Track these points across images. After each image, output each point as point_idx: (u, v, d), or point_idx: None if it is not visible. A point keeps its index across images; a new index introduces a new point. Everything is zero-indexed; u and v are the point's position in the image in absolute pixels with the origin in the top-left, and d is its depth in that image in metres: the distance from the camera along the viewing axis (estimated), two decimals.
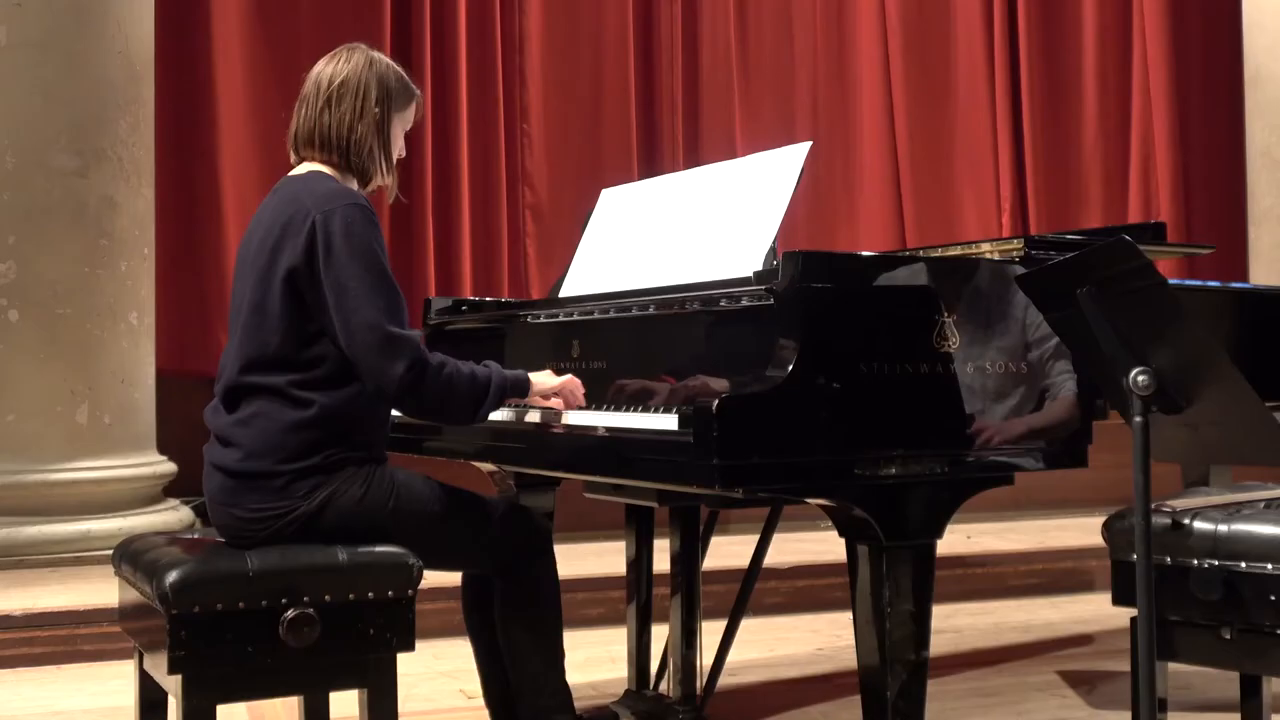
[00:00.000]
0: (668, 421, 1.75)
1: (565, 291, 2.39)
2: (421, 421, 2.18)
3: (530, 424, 2.03)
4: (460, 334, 2.58)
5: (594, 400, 2.02)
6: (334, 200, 1.85)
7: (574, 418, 1.97)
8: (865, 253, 1.82)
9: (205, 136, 4.43)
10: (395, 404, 1.87)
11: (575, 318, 2.18)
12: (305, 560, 1.78)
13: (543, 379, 1.99)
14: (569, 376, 2.01)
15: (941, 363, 1.73)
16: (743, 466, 1.57)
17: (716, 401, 1.56)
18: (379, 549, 1.83)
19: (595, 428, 1.89)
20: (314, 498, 1.82)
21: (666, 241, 2.18)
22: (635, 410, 1.91)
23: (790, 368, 1.62)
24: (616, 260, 2.29)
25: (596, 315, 2.12)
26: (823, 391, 1.63)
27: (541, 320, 2.28)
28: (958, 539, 4.08)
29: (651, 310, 1.99)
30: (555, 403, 1.99)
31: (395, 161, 2.01)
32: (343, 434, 1.85)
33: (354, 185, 1.96)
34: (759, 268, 1.89)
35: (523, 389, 1.96)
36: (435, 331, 2.57)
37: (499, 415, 2.01)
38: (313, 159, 1.97)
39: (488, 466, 2.43)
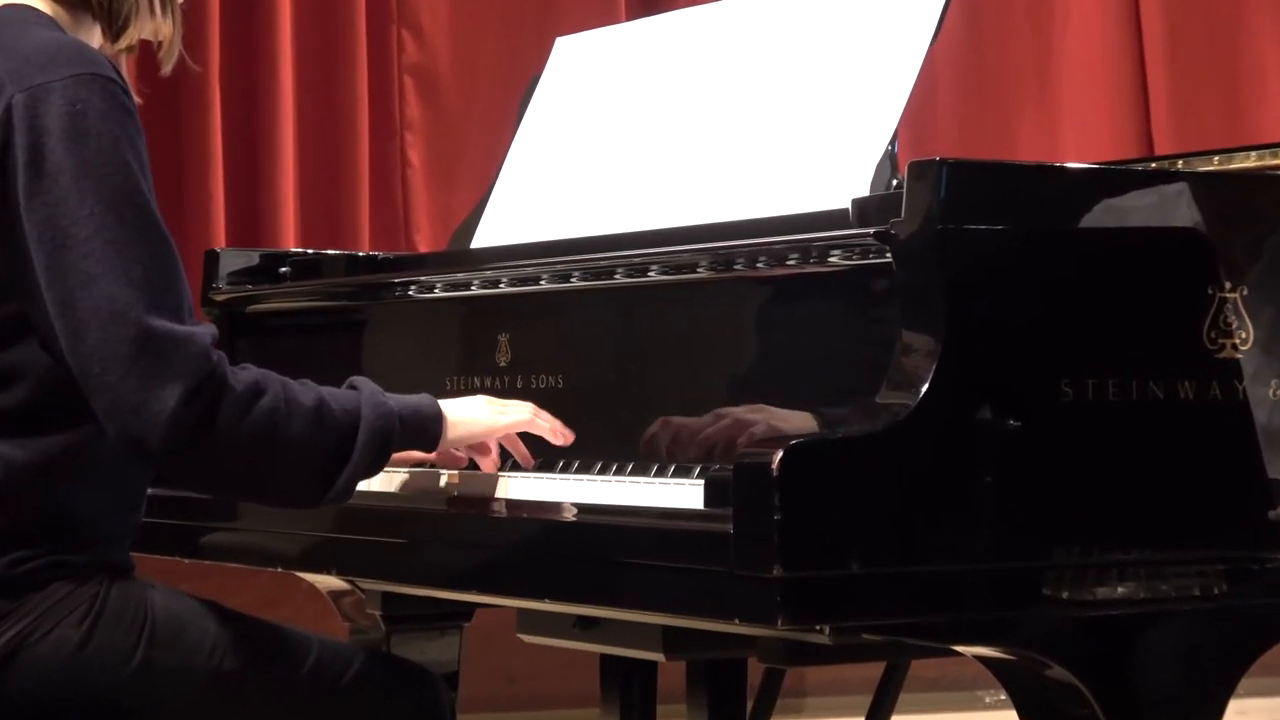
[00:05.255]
0: (684, 493, 1.75)
1: (483, 240, 2.40)
2: (203, 496, 2.19)
3: (412, 494, 2.04)
4: (275, 321, 2.59)
5: (540, 451, 2.04)
6: (50, 67, 1.84)
7: (509, 487, 1.99)
8: (1072, 165, 1.83)
9: None
10: (161, 464, 1.88)
11: (502, 289, 2.19)
12: None
13: (470, 413, 2.00)
14: (527, 407, 2.03)
15: (1219, 377, 1.74)
16: (829, 582, 1.58)
17: (779, 454, 1.56)
18: None
19: (545, 506, 1.90)
20: None
21: (681, 142, 2.20)
22: (622, 473, 1.92)
23: (924, 389, 1.63)
24: (583, 179, 2.31)
25: (545, 285, 2.13)
26: (985, 435, 1.64)
27: (437, 294, 2.29)
28: None
29: (653, 276, 2.00)
30: (486, 449, 2.02)
31: None
32: (51, 521, 1.86)
33: (93, 36, 1.97)
34: (863, 191, 1.90)
35: (429, 430, 1.97)
36: (226, 315, 2.58)
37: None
38: None
39: (331, 581, 2.45)
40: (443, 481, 2.07)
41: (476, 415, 2.00)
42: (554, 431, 2.03)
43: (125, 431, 1.79)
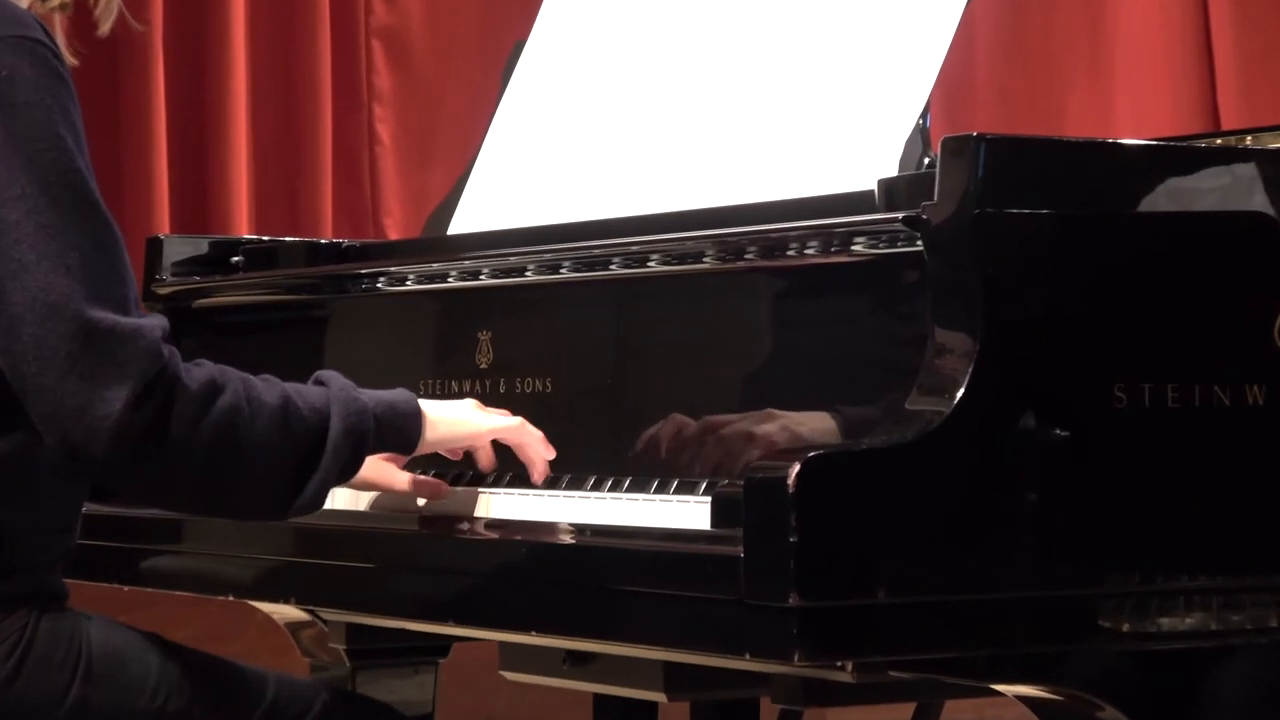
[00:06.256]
0: (688, 512, 1.76)
1: (461, 225, 2.41)
2: (149, 510, 2.19)
3: (381, 512, 2.04)
4: (226, 317, 2.59)
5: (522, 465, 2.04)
6: None
7: (491, 505, 2.00)
8: (1128, 141, 1.83)
9: None
10: (104, 476, 1.89)
11: (483, 281, 2.19)
12: None
13: (453, 412, 2.01)
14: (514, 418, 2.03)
15: None
16: (852, 613, 1.58)
17: (796, 468, 1.56)
18: None
19: (531, 526, 1.90)
20: None
21: (686, 116, 2.20)
22: (618, 489, 1.92)
23: (959, 394, 1.63)
24: (575, 157, 2.31)
25: (531, 277, 2.13)
26: (1029, 446, 1.64)
27: (409, 287, 2.29)
28: None
29: (653, 266, 2.01)
30: (482, 459, 2.03)
31: None
32: None
33: None
34: (891, 171, 1.90)
35: (407, 429, 1.97)
36: (171, 310, 2.56)
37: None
38: None
39: (289, 612, 2.45)
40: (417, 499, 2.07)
41: (460, 414, 2.00)
42: (544, 443, 2.02)
43: (66, 439, 1.79)
